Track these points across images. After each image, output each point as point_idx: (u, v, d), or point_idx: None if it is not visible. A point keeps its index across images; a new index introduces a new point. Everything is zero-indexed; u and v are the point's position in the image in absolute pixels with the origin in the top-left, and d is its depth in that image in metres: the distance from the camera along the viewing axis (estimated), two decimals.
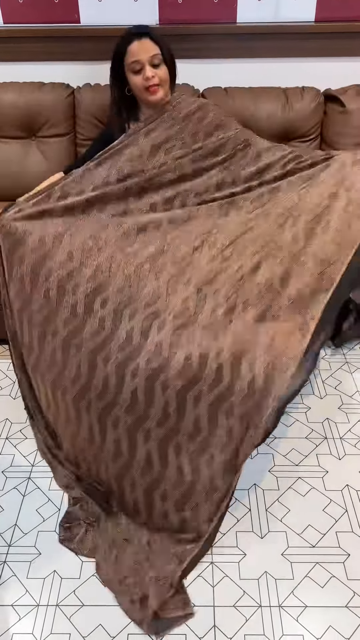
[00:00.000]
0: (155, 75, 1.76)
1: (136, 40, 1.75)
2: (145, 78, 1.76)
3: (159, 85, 1.78)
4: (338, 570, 1.49)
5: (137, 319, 1.47)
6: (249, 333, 1.44)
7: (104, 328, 1.49)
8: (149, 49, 1.75)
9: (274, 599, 1.42)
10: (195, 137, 1.83)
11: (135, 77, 1.78)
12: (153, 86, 1.77)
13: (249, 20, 2.30)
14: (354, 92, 2.29)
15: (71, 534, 1.58)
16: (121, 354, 1.45)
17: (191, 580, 1.47)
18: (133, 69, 1.77)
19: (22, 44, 2.34)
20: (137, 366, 1.42)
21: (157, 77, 1.77)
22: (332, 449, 1.83)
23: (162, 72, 1.79)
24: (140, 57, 1.75)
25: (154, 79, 1.76)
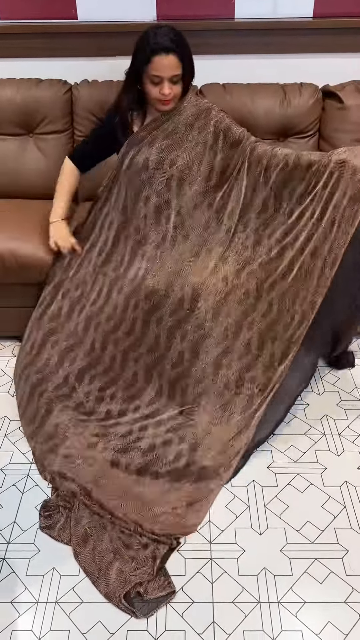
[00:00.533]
0: (172, 92, 1.75)
1: (163, 54, 1.69)
2: (162, 93, 1.75)
3: (172, 99, 1.78)
4: (337, 566, 1.49)
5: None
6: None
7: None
8: (173, 67, 1.71)
9: (273, 595, 1.43)
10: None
11: (153, 88, 1.76)
12: (167, 100, 1.77)
13: (247, 16, 2.29)
14: (352, 88, 2.29)
15: (52, 522, 1.61)
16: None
17: (190, 577, 1.47)
18: (152, 81, 1.74)
19: (19, 40, 2.34)
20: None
21: (172, 94, 1.76)
22: (330, 445, 1.83)
23: (178, 89, 1.78)
24: (162, 74, 1.72)
25: (170, 95, 1.75)
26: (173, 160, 1.83)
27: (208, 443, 1.72)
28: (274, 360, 1.72)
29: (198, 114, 1.85)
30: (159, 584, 1.44)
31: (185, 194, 1.86)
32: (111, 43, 2.30)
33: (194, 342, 1.78)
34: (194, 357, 1.78)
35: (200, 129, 1.84)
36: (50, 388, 1.87)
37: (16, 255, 2.04)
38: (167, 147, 1.83)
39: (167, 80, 1.73)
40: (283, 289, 1.73)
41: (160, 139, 1.84)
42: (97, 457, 1.73)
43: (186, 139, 1.84)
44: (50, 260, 2.05)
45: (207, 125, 1.85)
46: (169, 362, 1.80)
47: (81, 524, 1.59)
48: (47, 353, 1.92)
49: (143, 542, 1.54)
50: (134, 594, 1.42)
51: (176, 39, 1.71)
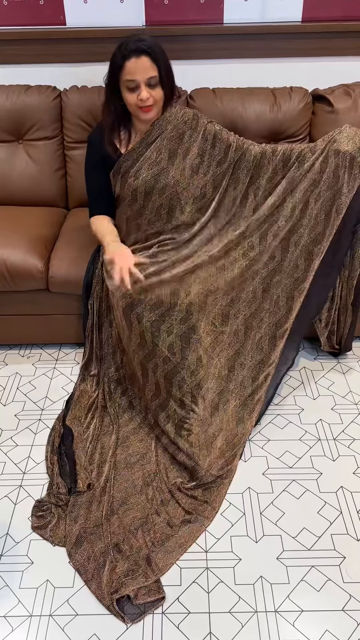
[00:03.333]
0: (150, 97, 1.70)
1: (134, 57, 1.64)
2: (139, 98, 1.69)
3: (152, 105, 1.73)
4: (334, 574, 1.48)
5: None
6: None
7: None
8: (146, 69, 1.66)
9: (270, 604, 1.41)
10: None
11: (130, 95, 1.71)
12: (146, 106, 1.72)
13: (236, 20, 2.29)
14: (342, 91, 2.29)
15: (44, 522, 1.60)
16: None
17: (186, 587, 1.45)
18: (128, 87, 1.69)
19: (7, 47, 2.32)
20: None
21: (152, 99, 1.71)
22: (326, 450, 1.82)
23: (158, 93, 1.71)
24: (136, 77, 1.66)
25: (149, 100, 1.70)
26: (162, 190, 1.81)
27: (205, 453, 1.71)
28: (262, 346, 1.87)
29: (183, 127, 1.82)
30: (149, 589, 1.43)
31: (177, 218, 1.86)
32: (100, 49, 2.28)
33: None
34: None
35: (187, 142, 1.82)
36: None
37: (6, 263, 2.02)
38: (154, 176, 1.80)
39: (144, 84, 1.68)
40: (267, 279, 1.86)
41: (145, 169, 1.80)
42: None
43: (172, 163, 1.81)
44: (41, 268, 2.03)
45: (195, 136, 1.83)
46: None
47: (76, 524, 1.58)
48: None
49: (138, 544, 1.52)
50: (124, 597, 1.41)
51: (149, 42, 1.67)
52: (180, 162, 1.82)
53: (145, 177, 1.81)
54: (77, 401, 1.98)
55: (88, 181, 1.93)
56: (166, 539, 1.55)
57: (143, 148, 1.82)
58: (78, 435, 1.84)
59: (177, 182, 1.82)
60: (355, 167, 1.79)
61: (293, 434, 1.88)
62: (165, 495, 1.66)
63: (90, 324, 2.01)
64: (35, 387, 2.12)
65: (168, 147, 1.81)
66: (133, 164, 1.82)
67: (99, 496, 1.66)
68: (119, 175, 1.84)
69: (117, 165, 1.83)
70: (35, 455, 1.83)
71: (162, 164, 1.81)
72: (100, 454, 1.79)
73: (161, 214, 1.85)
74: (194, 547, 1.54)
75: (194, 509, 1.62)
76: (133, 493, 1.67)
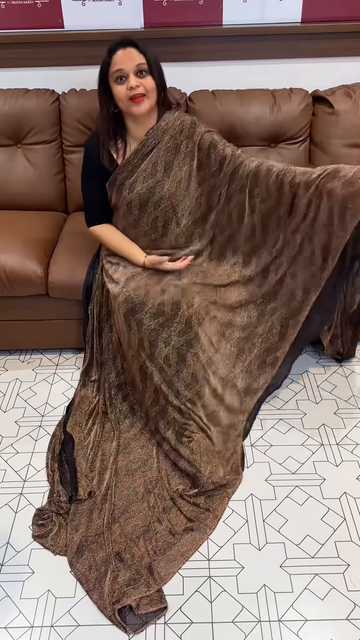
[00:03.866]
0: (140, 85, 1.67)
1: (121, 49, 1.66)
2: (129, 87, 1.66)
3: (144, 95, 1.69)
4: (338, 582, 1.46)
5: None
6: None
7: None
8: (133, 57, 1.65)
9: (274, 614, 1.40)
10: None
11: (119, 87, 1.68)
12: (137, 96, 1.67)
13: (235, 22, 2.27)
14: (342, 92, 2.27)
15: (45, 531, 1.59)
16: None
17: (188, 596, 1.44)
18: (117, 79, 1.68)
19: (5, 50, 2.31)
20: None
21: (143, 87, 1.67)
22: (329, 455, 1.80)
23: (148, 82, 1.68)
24: (123, 66, 1.65)
25: (139, 88, 1.66)
26: (157, 203, 1.80)
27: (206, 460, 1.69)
28: (251, 370, 1.87)
29: (180, 136, 1.79)
30: (151, 599, 1.42)
31: (173, 231, 1.85)
32: (99, 52, 2.21)
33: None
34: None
35: (183, 152, 1.80)
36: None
37: (5, 268, 2.00)
38: (148, 189, 1.78)
39: (132, 73, 1.66)
40: (261, 305, 1.86)
41: (140, 182, 1.79)
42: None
43: (168, 175, 1.79)
44: (40, 273, 2.02)
45: (191, 146, 1.80)
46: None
47: (78, 533, 1.56)
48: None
49: (139, 553, 1.51)
50: (125, 607, 1.40)
51: (134, 37, 1.69)
52: (177, 174, 1.79)
53: (140, 190, 1.79)
54: (78, 407, 1.96)
55: (85, 189, 1.91)
56: (168, 548, 1.53)
57: (138, 160, 1.79)
58: (79, 441, 1.83)
59: (172, 194, 1.80)
60: (347, 213, 1.62)
61: (295, 439, 1.86)
62: (167, 502, 1.65)
63: (91, 329, 1.99)
64: (35, 392, 2.10)
65: (164, 159, 1.79)
66: (128, 176, 1.80)
67: (100, 504, 1.64)
68: (114, 187, 1.82)
69: (113, 176, 1.82)
70: (35, 463, 1.82)
71: (158, 177, 1.79)
72: (101, 461, 1.78)
73: (157, 226, 1.83)
74: (196, 556, 1.53)
75: (196, 517, 1.60)
76: (134, 500, 1.65)
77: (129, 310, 1.74)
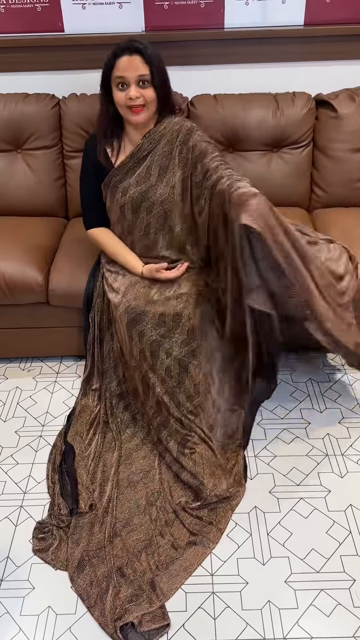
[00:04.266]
0: (141, 96, 1.65)
1: (127, 55, 1.62)
2: (129, 97, 1.65)
3: (143, 105, 1.67)
4: (344, 597, 1.43)
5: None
6: None
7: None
8: (137, 67, 1.62)
9: (279, 631, 1.37)
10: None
11: (119, 94, 1.67)
12: (137, 106, 1.66)
13: (237, 25, 2.25)
14: (346, 96, 2.24)
15: (45, 544, 1.56)
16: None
17: (191, 613, 1.41)
18: (118, 85, 1.66)
19: (5, 54, 2.28)
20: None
21: (143, 98, 1.65)
22: (334, 466, 1.78)
23: (149, 93, 1.66)
24: (126, 74, 1.63)
25: (138, 99, 1.65)
26: (149, 208, 1.77)
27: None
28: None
29: (175, 141, 1.76)
30: (154, 616, 1.39)
31: (165, 237, 1.82)
32: (99, 55, 2.19)
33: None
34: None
35: (177, 157, 1.76)
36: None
37: (5, 276, 1.98)
38: (141, 194, 1.76)
39: (134, 82, 1.64)
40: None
41: (133, 185, 1.76)
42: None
43: (161, 180, 1.76)
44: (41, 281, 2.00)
45: (185, 152, 1.75)
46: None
47: (79, 547, 1.54)
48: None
49: (141, 568, 1.48)
50: (128, 624, 1.37)
51: (142, 43, 1.64)
52: (170, 179, 1.76)
53: (133, 194, 1.77)
54: (79, 416, 1.93)
55: (83, 191, 1.90)
56: (170, 562, 1.50)
57: (134, 163, 1.77)
58: (80, 452, 1.80)
59: (165, 199, 1.76)
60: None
61: (300, 450, 1.84)
62: (169, 515, 1.62)
63: (92, 338, 1.97)
64: (35, 402, 2.08)
65: (159, 164, 1.76)
66: (122, 179, 1.78)
67: (101, 517, 1.62)
68: (108, 189, 1.80)
69: (108, 178, 1.80)
70: (36, 474, 1.79)
71: (152, 181, 1.76)
72: (102, 472, 1.75)
73: (149, 232, 1.81)
74: (199, 571, 1.50)
75: (199, 530, 1.57)
76: (136, 513, 1.62)
77: (131, 321, 1.71)
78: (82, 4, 2.22)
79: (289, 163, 2.26)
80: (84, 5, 2.22)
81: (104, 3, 2.21)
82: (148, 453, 1.80)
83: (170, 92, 1.76)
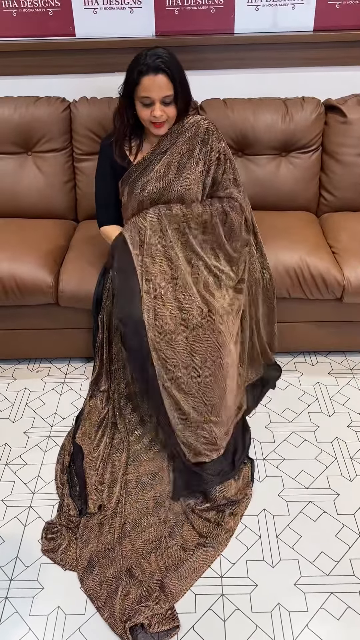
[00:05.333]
0: (164, 114, 1.70)
1: (152, 74, 1.64)
2: (153, 115, 1.69)
3: (165, 122, 1.72)
4: (354, 601, 1.43)
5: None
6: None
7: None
8: (162, 87, 1.65)
9: (288, 634, 1.36)
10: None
11: (144, 111, 1.70)
12: (159, 123, 1.71)
13: (247, 30, 2.26)
14: (355, 101, 2.25)
15: (54, 545, 1.57)
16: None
17: (201, 615, 1.41)
18: (143, 102, 1.69)
19: (16, 58, 2.30)
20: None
21: (165, 116, 1.70)
22: (342, 470, 1.77)
23: (171, 111, 1.70)
24: (151, 95, 1.66)
25: (162, 117, 1.70)
26: (168, 206, 1.79)
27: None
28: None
29: (194, 140, 1.79)
30: (163, 617, 1.39)
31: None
32: (109, 59, 2.27)
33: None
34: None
35: (197, 156, 1.79)
36: None
37: (15, 278, 1.99)
38: (159, 190, 1.78)
39: (158, 101, 1.67)
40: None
41: (152, 181, 1.78)
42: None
43: (179, 178, 1.78)
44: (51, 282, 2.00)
45: (204, 152, 1.80)
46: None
47: (88, 548, 1.54)
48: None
49: (151, 569, 1.48)
50: (137, 626, 1.37)
51: (167, 59, 1.65)
52: (187, 177, 1.79)
53: (152, 190, 1.79)
54: (87, 417, 1.94)
55: (98, 188, 1.93)
56: (180, 564, 1.50)
57: (153, 159, 1.80)
58: (88, 453, 1.80)
59: (181, 196, 1.79)
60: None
61: (308, 453, 1.84)
62: (179, 517, 1.62)
63: (100, 339, 1.97)
64: (44, 402, 2.08)
65: (177, 161, 1.79)
66: (141, 174, 1.80)
67: (110, 518, 1.62)
68: (127, 184, 1.83)
69: (127, 174, 1.82)
70: (44, 474, 1.79)
71: (170, 178, 1.79)
72: (111, 473, 1.76)
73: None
74: (209, 572, 1.50)
75: (208, 533, 1.57)
76: (145, 514, 1.63)
77: None
78: (94, 8, 2.24)
79: (298, 167, 2.27)
80: (95, 10, 2.24)
81: (115, 8, 2.23)
82: (156, 455, 1.80)
83: (190, 98, 1.79)
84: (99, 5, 2.23)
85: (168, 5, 2.21)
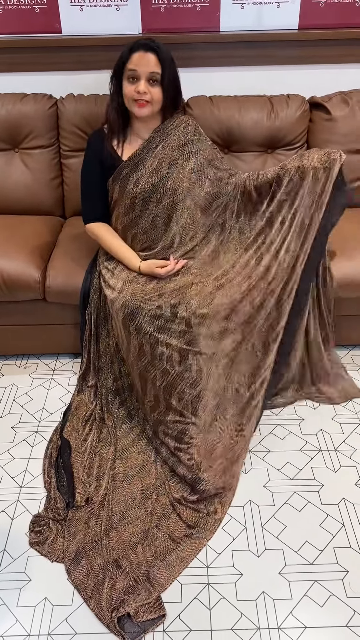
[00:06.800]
0: (148, 92, 1.71)
1: (142, 50, 1.69)
2: (137, 90, 1.71)
3: (148, 102, 1.73)
4: (337, 588, 1.45)
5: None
6: None
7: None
8: (150, 63, 1.69)
9: (273, 621, 1.39)
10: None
11: (129, 87, 1.73)
12: (142, 101, 1.72)
13: (233, 28, 2.28)
14: (339, 99, 2.28)
15: (41, 537, 1.58)
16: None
17: (187, 604, 1.43)
18: (129, 78, 1.72)
19: (3, 55, 2.31)
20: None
21: (149, 95, 1.72)
22: (327, 461, 1.80)
23: (156, 92, 1.73)
24: (138, 68, 1.69)
25: (145, 95, 1.71)
26: (159, 200, 1.81)
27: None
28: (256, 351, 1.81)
29: (186, 137, 1.83)
30: (150, 607, 1.41)
31: (171, 229, 1.84)
32: (96, 56, 2.28)
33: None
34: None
35: (188, 152, 1.82)
36: None
37: (2, 273, 1.99)
38: (153, 185, 1.80)
39: (144, 77, 1.70)
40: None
41: (145, 177, 1.80)
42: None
43: (172, 172, 1.80)
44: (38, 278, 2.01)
45: (197, 148, 1.84)
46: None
47: (75, 540, 1.55)
48: None
49: (137, 560, 1.50)
50: (124, 615, 1.39)
51: (159, 45, 1.72)
52: (180, 172, 1.81)
53: (145, 185, 1.80)
54: (75, 412, 1.95)
55: (84, 184, 1.93)
56: (167, 553, 1.52)
57: (144, 154, 1.81)
58: (76, 447, 1.81)
59: (174, 191, 1.81)
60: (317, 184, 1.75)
61: (294, 445, 1.86)
62: (166, 508, 1.64)
63: (88, 334, 1.99)
64: (32, 398, 2.09)
65: (170, 156, 1.81)
66: (133, 170, 1.81)
67: (97, 511, 1.63)
68: (118, 182, 1.83)
69: (117, 171, 1.83)
70: (32, 469, 1.80)
71: (163, 173, 1.80)
72: (98, 467, 1.77)
73: (157, 223, 1.83)
74: (195, 562, 1.52)
75: (196, 522, 1.59)
76: (132, 507, 1.64)
77: (127, 316, 1.73)
78: (80, 5, 2.25)
79: None
80: (82, 7, 2.25)
81: (101, 5, 2.24)
82: (144, 448, 1.82)
83: (180, 93, 1.83)
84: (85, 3, 2.24)
85: (154, 2, 2.23)
